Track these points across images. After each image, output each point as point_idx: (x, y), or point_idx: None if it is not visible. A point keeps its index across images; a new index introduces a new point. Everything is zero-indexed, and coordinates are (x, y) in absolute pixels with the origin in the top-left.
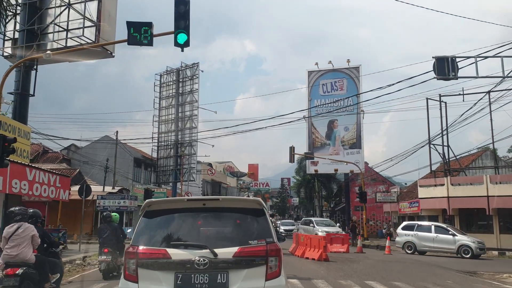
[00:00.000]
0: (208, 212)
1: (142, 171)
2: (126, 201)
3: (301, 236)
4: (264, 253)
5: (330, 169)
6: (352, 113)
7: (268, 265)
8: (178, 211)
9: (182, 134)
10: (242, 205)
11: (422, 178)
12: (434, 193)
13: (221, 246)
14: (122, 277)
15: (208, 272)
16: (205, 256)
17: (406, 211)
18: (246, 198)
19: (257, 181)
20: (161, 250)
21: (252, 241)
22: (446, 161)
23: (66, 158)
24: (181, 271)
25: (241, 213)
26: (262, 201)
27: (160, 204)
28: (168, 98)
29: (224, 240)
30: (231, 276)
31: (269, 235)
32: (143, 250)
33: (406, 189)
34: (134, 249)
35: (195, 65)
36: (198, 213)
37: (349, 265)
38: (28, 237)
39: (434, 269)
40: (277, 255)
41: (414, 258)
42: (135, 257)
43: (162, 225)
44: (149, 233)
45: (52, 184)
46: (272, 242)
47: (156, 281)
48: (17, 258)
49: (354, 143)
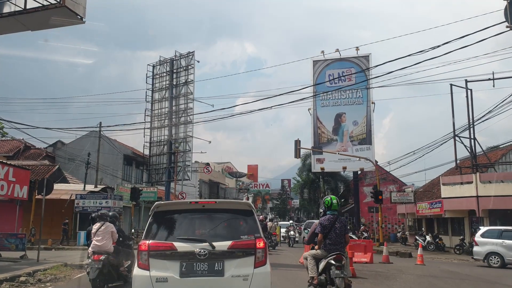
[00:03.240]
0: (207, 212)
1: (133, 169)
2: (108, 201)
3: None
4: (253, 246)
5: (338, 167)
6: (362, 106)
7: (256, 255)
8: (182, 211)
9: (177, 129)
10: (235, 207)
11: (445, 175)
12: (460, 192)
13: (217, 240)
14: (136, 265)
15: (208, 261)
16: (205, 248)
17: (426, 213)
18: (238, 201)
19: (256, 182)
20: (168, 243)
21: (243, 236)
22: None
23: (50, 155)
24: (185, 260)
25: (234, 213)
26: (251, 204)
27: (167, 206)
28: (161, 91)
29: (220, 235)
30: (226, 264)
31: (257, 231)
32: (153, 243)
33: (422, 189)
34: (146, 243)
35: (190, 54)
36: (198, 213)
37: (386, 284)
38: (109, 233)
39: None
40: (263, 247)
41: (490, 274)
42: (147, 249)
43: (169, 223)
44: (158, 230)
45: (2, 178)
46: (259, 237)
47: (165, 268)
48: (101, 248)
49: (363, 139)
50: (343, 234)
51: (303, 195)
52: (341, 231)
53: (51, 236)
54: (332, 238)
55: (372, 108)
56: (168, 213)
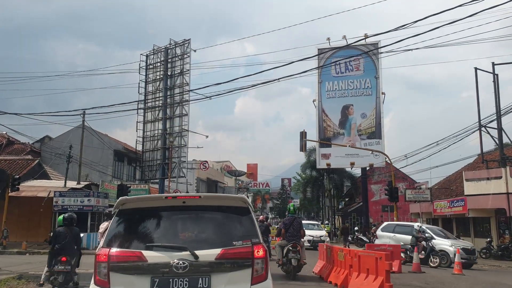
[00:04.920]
0: (189, 210)
1: (125, 166)
2: (91, 200)
3: (337, 250)
4: (250, 254)
5: (345, 163)
6: (370, 97)
7: (254, 267)
8: (155, 209)
9: (171, 123)
10: (226, 203)
11: (467, 169)
12: (486, 188)
13: (202, 247)
14: (92, 282)
15: (188, 276)
16: (185, 259)
17: (445, 212)
18: (230, 195)
19: (256, 181)
20: (135, 253)
21: (236, 242)
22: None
23: (35, 151)
24: (158, 275)
25: (225, 211)
26: (246, 198)
27: (136, 202)
28: (155, 82)
29: (206, 241)
30: (214, 280)
31: (255, 235)
32: (115, 252)
33: (437, 186)
34: (106, 251)
35: (186, 42)
36: (177, 211)
37: None
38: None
39: None
40: (263, 256)
41: None
42: (107, 260)
43: (138, 225)
44: (122, 234)
45: None
46: (258, 243)
47: (130, 286)
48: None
49: (372, 132)
50: (298, 230)
51: (305, 193)
52: (297, 227)
53: (27, 238)
54: (290, 232)
55: (382, 99)
56: (137, 212)
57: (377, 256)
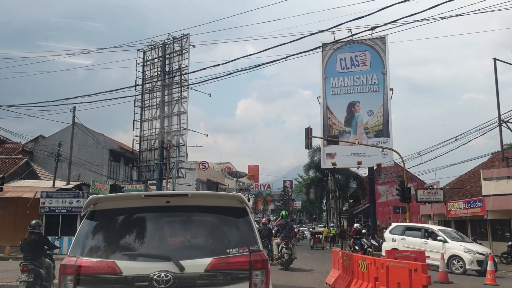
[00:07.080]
0: (174, 212)
1: (121, 166)
2: (80, 201)
3: (358, 259)
4: (247, 265)
5: (351, 163)
6: (377, 93)
7: (252, 281)
8: (133, 211)
9: (169, 121)
10: (218, 203)
11: (484, 168)
12: (508, 188)
13: (189, 256)
14: None
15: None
16: (168, 271)
17: (461, 214)
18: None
19: (257, 183)
20: (108, 263)
21: (231, 249)
22: None
23: (27, 150)
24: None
25: (217, 213)
26: (243, 197)
27: (110, 202)
28: (152, 79)
29: (194, 249)
30: None
31: (253, 241)
32: (84, 262)
33: (449, 186)
34: (72, 261)
35: (184, 37)
36: (160, 213)
37: None
38: None
39: None
40: (263, 267)
41: None
42: (73, 272)
43: (111, 229)
44: (93, 240)
45: None
46: (256, 251)
47: None
48: None
49: (380, 130)
50: (290, 231)
51: (309, 195)
52: (289, 229)
53: (12, 242)
54: (284, 233)
55: (390, 96)
56: (111, 213)
57: (411, 267)
